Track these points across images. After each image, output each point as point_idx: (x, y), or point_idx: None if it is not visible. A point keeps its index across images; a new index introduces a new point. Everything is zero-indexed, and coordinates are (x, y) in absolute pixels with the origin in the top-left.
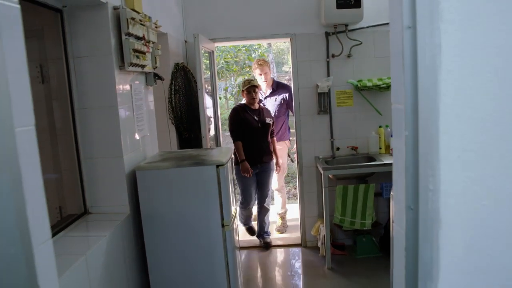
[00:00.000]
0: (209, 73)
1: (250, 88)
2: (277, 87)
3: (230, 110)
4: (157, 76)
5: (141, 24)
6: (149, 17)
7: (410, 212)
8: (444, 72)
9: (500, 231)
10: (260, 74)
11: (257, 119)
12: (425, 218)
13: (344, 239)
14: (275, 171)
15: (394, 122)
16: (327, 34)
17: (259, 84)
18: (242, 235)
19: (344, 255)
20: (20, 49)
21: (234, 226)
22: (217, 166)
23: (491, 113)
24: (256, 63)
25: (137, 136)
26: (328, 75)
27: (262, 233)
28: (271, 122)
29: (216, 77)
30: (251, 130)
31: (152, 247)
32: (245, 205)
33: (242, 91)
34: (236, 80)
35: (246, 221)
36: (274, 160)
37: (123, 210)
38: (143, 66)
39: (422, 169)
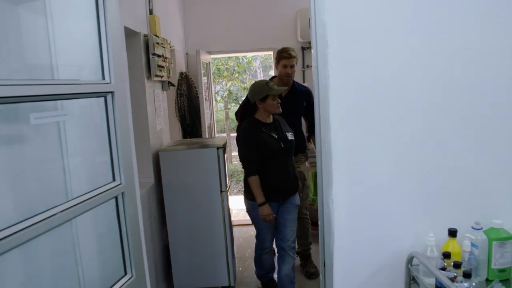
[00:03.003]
0: (206, 80)
1: (276, 94)
2: (298, 89)
3: (239, 130)
4: (169, 83)
5: (162, 46)
6: (166, 40)
7: (319, 154)
8: (331, 88)
9: (362, 158)
10: (285, 67)
11: (276, 136)
12: (325, 156)
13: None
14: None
15: (315, 111)
16: (303, 48)
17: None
18: None
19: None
20: (125, 70)
21: (228, 193)
22: (217, 148)
23: (353, 104)
24: (283, 52)
25: (157, 127)
26: (304, 81)
27: None
28: (294, 137)
29: (212, 84)
30: (273, 154)
31: (170, 207)
32: (261, 251)
33: (265, 98)
34: (226, 85)
35: (265, 272)
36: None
37: (149, 180)
38: (161, 76)
39: (322, 131)
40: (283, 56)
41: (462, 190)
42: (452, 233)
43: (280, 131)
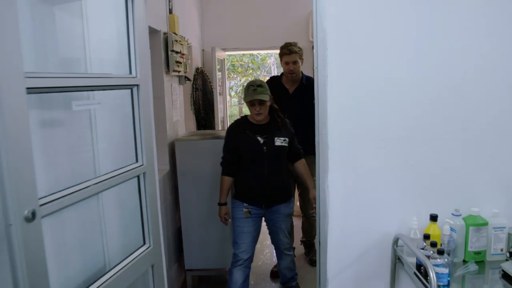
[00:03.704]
0: (220, 75)
1: (255, 101)
2: (307, 84)
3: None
4: (186, 78)
5: (180, 43)
6: (184, 37)
7: (318, 145)
8: (329, 87)
9: (355, 150)
10: (287, 64)
11: (262, 140)
12: (322, 146)
13: None
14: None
15: (315, 106)
16: (313, 48)
17: (271, 97)
18: None
19: None
20: (149, 65)
21: None
22: None
23: (348, 101)
24: (284, 48)
25: (174, 119)
26: None
27: (285, 281)
28: (286, 144)
29: (226, 79)
30: (252, 158)
31: (183, 193)
32: (234, 262)
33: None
34: (240, 80)
35: None
36: (297, 195)
37: (165, 168)
38: (179, 71)
39: (321, 124)
40: (283, 52)
41: (445, 180)
42: (433, 218)
43: (271, 135)
